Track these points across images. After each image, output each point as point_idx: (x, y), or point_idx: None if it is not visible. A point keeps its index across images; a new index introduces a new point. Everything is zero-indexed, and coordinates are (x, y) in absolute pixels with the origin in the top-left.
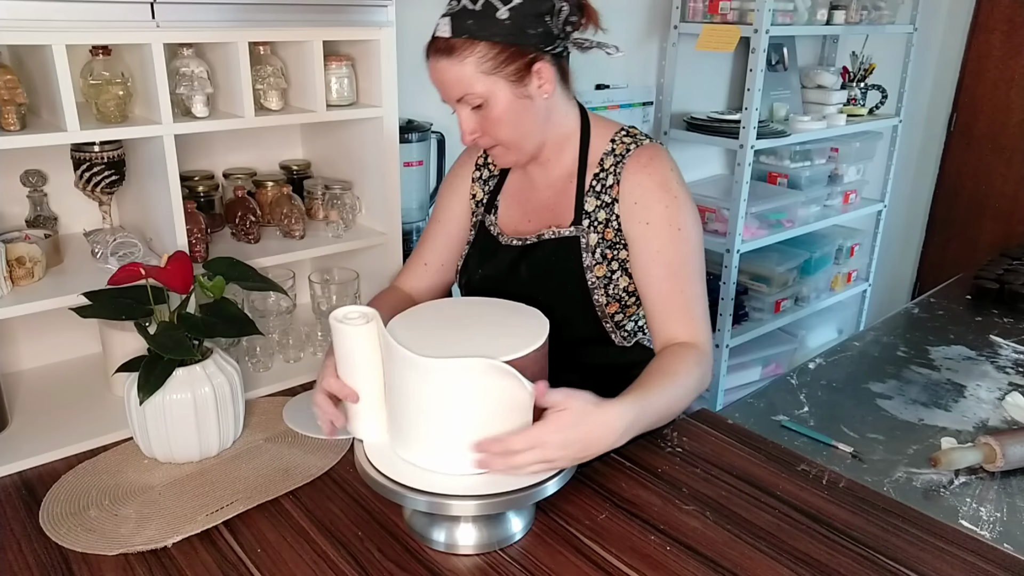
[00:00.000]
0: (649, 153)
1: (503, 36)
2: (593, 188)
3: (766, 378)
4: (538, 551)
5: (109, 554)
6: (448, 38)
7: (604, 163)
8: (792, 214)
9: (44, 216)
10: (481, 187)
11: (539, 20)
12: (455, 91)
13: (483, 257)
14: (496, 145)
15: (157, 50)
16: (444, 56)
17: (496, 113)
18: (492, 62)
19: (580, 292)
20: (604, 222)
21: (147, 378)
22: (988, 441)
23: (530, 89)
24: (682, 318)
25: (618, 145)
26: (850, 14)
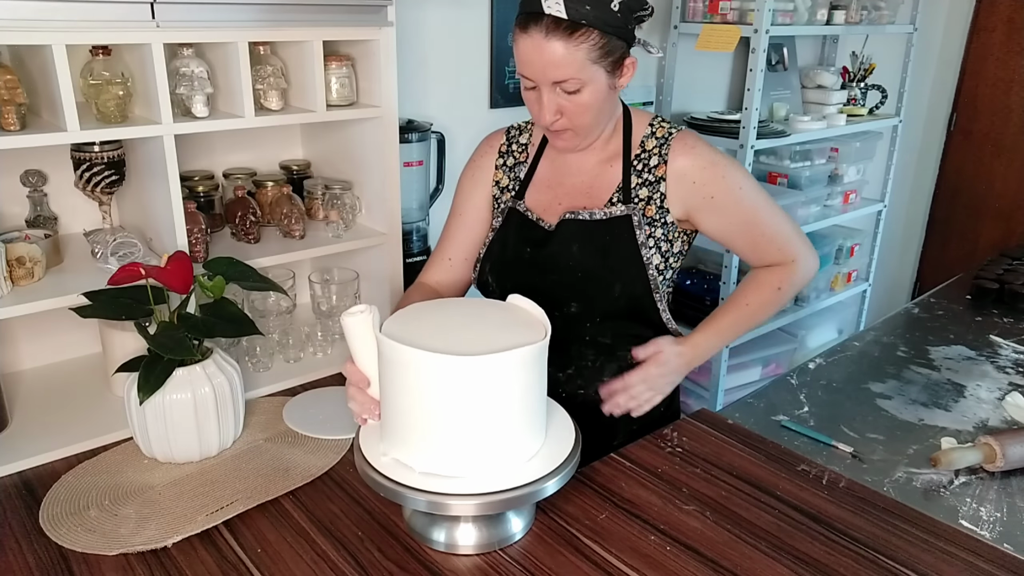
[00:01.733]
0: (692, 137)
1: (613, 27)
2: (635, 167)
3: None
4: (538, 551)
5: (109, 554)
6: (563, 19)
7: (645, 144)
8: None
9: (44, 216)
10: (506, 173)
11: (637, 17)
12: (558, 73)
13: (526, 241)
14: (568, 129)
15: (157, 50)
16: (556, 36)
17: (586, 100)
18: (599, 51)
19: (636, 267)
20: (646, 199)
21: (147, 378)
22: (988, 441)
23: (618, 81)
24: (772, 251)
25: (658, 128)
26: (850, 14)
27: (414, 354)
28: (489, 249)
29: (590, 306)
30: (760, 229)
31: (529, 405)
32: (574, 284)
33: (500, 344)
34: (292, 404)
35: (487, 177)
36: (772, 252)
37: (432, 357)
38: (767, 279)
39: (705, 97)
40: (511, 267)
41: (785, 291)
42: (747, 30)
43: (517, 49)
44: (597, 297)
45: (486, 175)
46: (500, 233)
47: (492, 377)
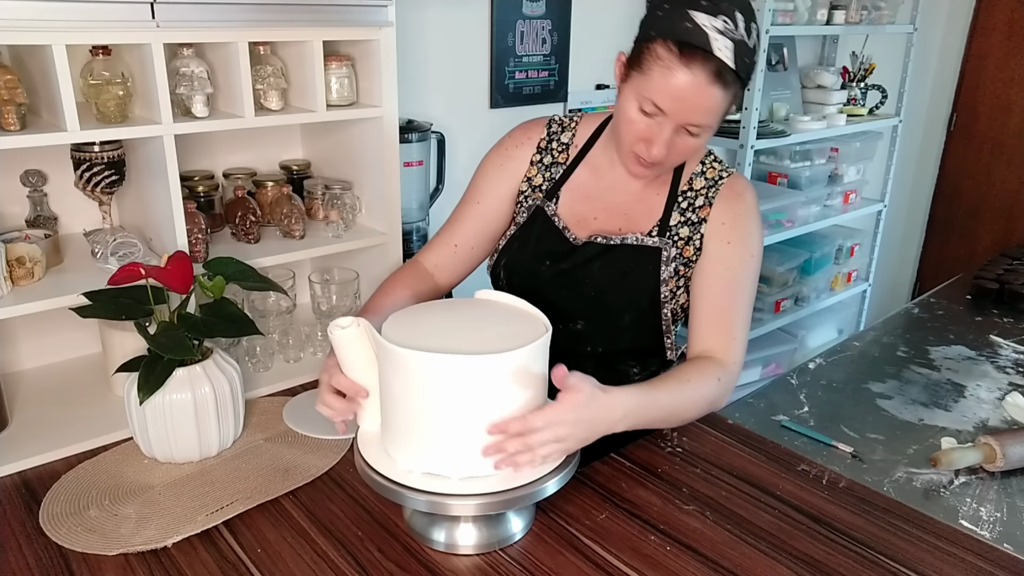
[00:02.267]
0: (742, 184)
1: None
2: (679, 205)
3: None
4: (538, 551)
5: (109, 554)
6: (733, 70)
7: (693, 183)
8: (792, 214)
9: (44, 216)
10: (542, 172)
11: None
12: (700, 118)
13: (546, 249)
14: (660, 163)
15: (157, 50)
16: (720, 85)
17: (699, 143)
18: (732, 103)
19: (651, 302)
20: (686, 239)
21: (147, 378)
22: (988, 441)
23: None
24: (722, 334)
25: (709, 169)
26: (850, 14)
27: (414, 355)
28: (508, 245)
29: (596, 327)
30: (733, 301)
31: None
32: (586, 303)
33: (500, 344)
34: (292, 404)
35: (518, 170)
36: (721, 335)
37: (432, 357)
38: (709, 366)
39: None
40: (525, 272)
41: (721, 385)
42: None
43: (665, 79)
44: (605, 321)
45: (518, 167)
46: (522, 232)
47: (493, 377)
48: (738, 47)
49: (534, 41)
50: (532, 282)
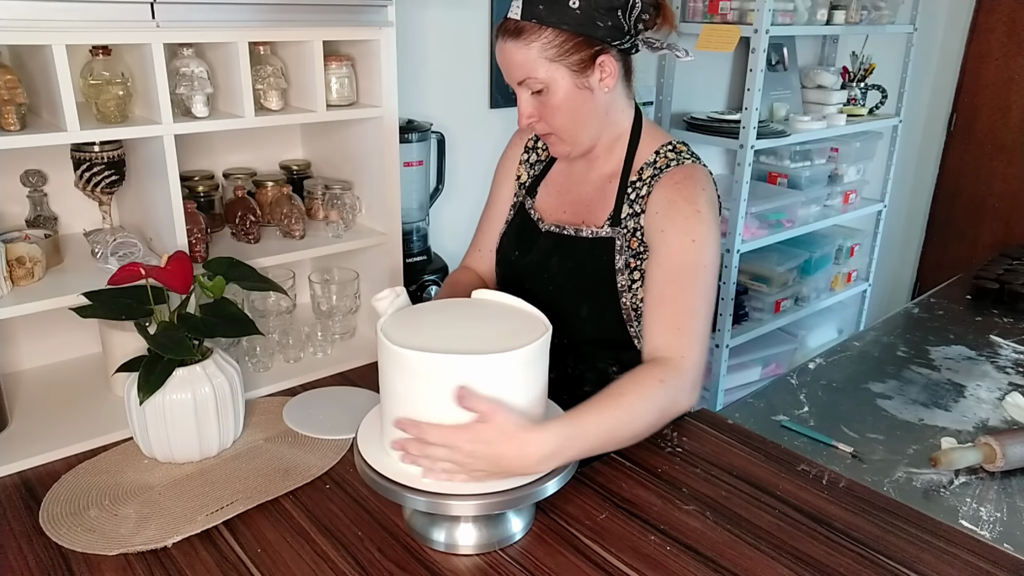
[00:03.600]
0: (685, 172)
1: (571, 25)
2: (628, 196)
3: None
4: (538, 551)
5: (109, 554)
6: (517, 20)
7: (643, 173)
8: (792, 214)
9: (44, 216)
10: (527, 170)
11: (610, 13)
12: (517, 73)
13: (520, 240)
14: (551, 134)
15: (157, 50)
16: (511, 38)
17: (555, 100)
18: (557, 49)
19: (609, 292)
20: (632, 231)
21: (147, 378)
22: (988, 441)
23: (591, 81)
24: (670, 329)
25: (660, 159)
26: (850, 14)
27: (413, 355)
28: (500, 242)
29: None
30: (678, 291)
31: (526, 406)
32: (547, 297)
33: (500, 344)
34: (292, 404)
35: (513, 169)
36: (668, 328)
37: (431, 357)
38: (648, 372)
39: (705, 97)
40: (506, 264)
41: (667, 387)
42: (747, 30)
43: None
44: (565, 315)
45: (512, 167)
46: (509, 227)
47: (492, 377)
48: (527, 1)
49: None
50: (508, 275)
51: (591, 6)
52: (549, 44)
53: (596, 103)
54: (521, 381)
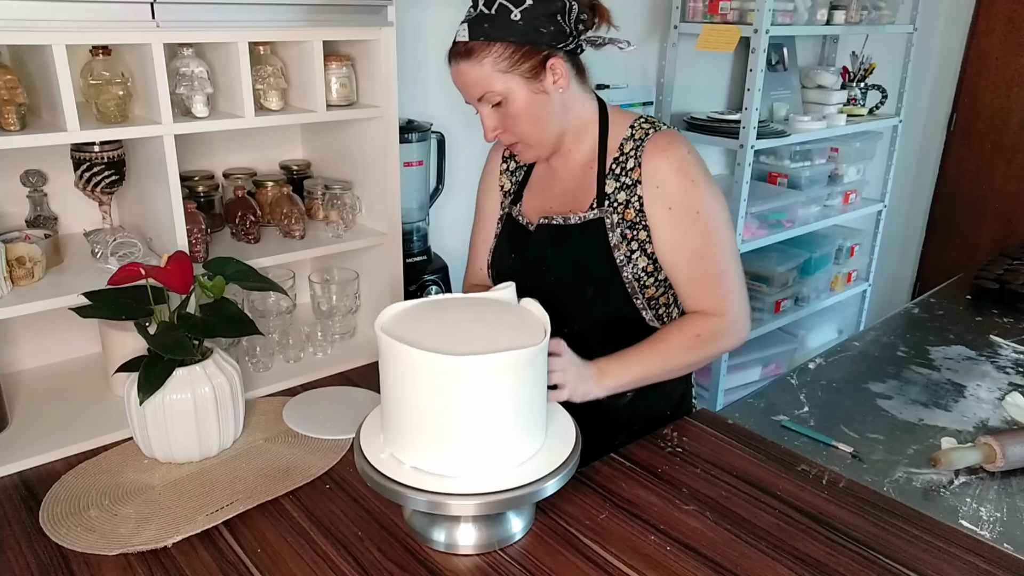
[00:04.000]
0: (668, 138)
1: (517, 36)
2: (613, 171)
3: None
4: (538, 551)
5: (109, 554)
6: (466, 42)
7: (624, 147)
8: (792, 214)
9: (44, 216)
10: (509, 178)
11: (551, 19)
12: (475, 91)
13: (512, 244)
14: (517, 142)
15: (157, 50)
16: (463, 59)
17: (515, 109)
18: (507, 61)
19: (609, 271)
20: (624, 203)
21: (147, 378)
22: (988, 441)
23: (546, 84)
24: (709, 295)
25: (637, 131)
26: (850, 14)
27: (412, 353)
28: (492, 255)
29: (566, 310)
30: (704, 265)
31: (528, 405)
32: (550, 289)
33: (499, 344)
34: (292, 404)
35: (495, 183)
36: (703, 295)
37: (429, 356)
38: (688, 323)
39: (705, 97)
40: (504, 273)
41: (704, 340)
42: (747, 30)
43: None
44: (571, 302)
45: (495, 180)
46: (499, 239)
47: (489, 377)
48: (472, 23)
49: None
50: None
51: (532, 16)
52: (500, 57)
53: (554, 104)
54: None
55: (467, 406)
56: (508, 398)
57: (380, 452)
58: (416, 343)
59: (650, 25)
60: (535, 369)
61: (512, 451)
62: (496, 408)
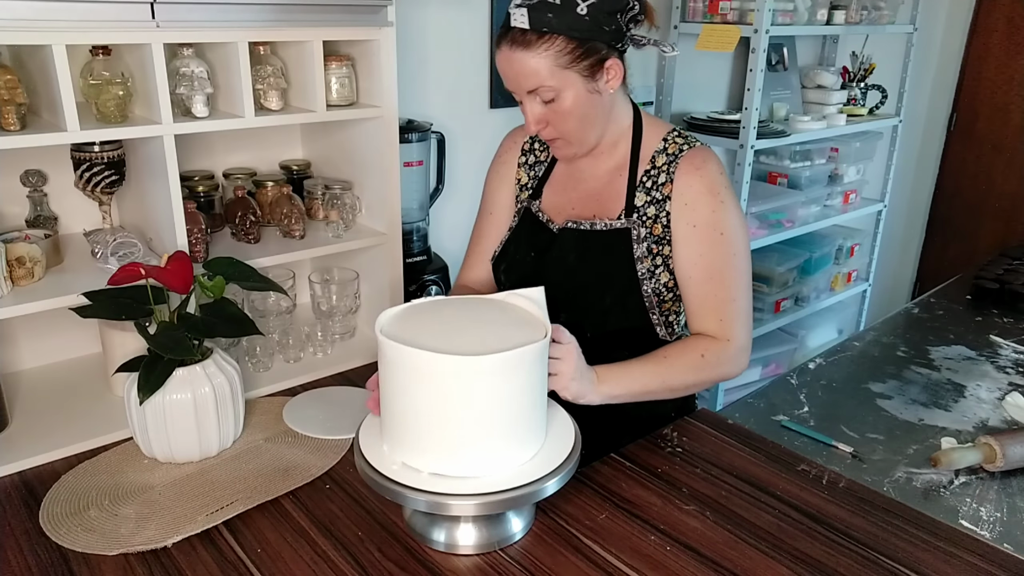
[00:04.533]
0: (702, 156)
1: (581, 31)
2: (643, 184)
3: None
4: (538, 551)
5: (109, 554)
6: (526, 28)
7: (656, 161)
8: (792, 214)
9: (44, 216)
10: (527, 172)
11: (612, 17)
12: (528, 83)
13: (533, 242)
14: (558, 138)
15: (157, 50)
16: (521, 47)
17: (566, 106)
18: (569, 56)
19: (629, 282)
20: (653, 218)
21: (147, 378)
22: (988, 441)
23: (599, 84)
24: (713, 320)
25: (670, 144)
26: (850, 14)
27: (411, 353)
28: (504, 248)
29: (581, 316)
30: (716, 286)
31: (528, 406)
32: (568, 293)
33: (498, 345)
34: (292, 404)
35: (511, 174)
36: (711, 318)
37: (428, 356)
38: (694, 343)
39: (705, 97)
40: (518, 268)
41: (708, 362)
42: (747, 30)
43: (498, 67)
44: (588, 308)
45: (510, 172)
46: (514, 233)
47: (489, 377)
48: (534, 9)
49: None
50: (522, 278)
51: (597, 11)
52: (562, 52)
53: (603, 105)
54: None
55: (467, 406)
56: (508, 398)
57: (380, 452)
58: (415, 343)
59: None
60: (535, 369)
61: (512, 451)
62: (496, 408)
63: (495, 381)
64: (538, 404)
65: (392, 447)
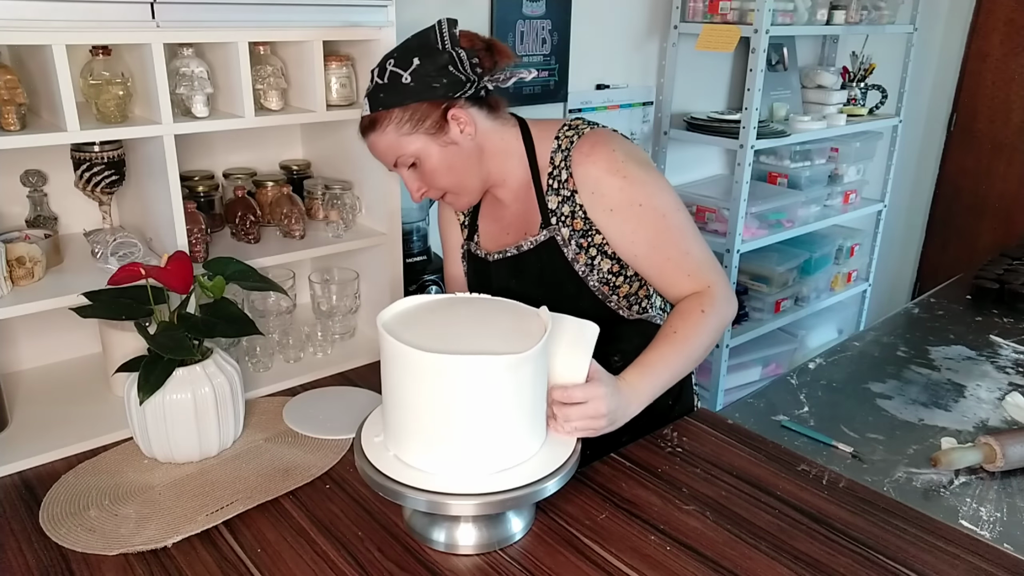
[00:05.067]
0: (590, 141)
1: (411, 97)
2: (551, 187)
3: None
4: (538, 551)
5: (109, 554)
6: (369, 114)
7: (554, 160)
8: (792, 214)
9: (44, 216)
10: (463, 214)
11: (442, 72)
12: (388, 158)
13: (480, 279)
14: (445, 193)
15: (157, 50)
16: (370, 131)
17: (430, 166)
18: (409, 123)
19: (575, 285)
20: (570, 214)
21: (147, 378)
22: (988, 441)
23: (452, 135)
24: (681, 278)
25: (563, 140)
26: (850, 14)
27: (412, 353)
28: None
29: None
30: (665, 253)
31: (528, 406)
32: None
33: (500, 345)
34: (292, 404)
35: (452, 216)
36: (681, 279)
37: (429, 356)
38: (688, 305)
39: (705, 97)
40: None
41: (709, 314)
42: (747, 30)
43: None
44: None
45: (451, 214)
46: (467, 275)
47: (490, 377)
48: (371, 96)
49: (534, 41)
50: None
51: (421, 75)
52: (400, 122)
53: (467, 151)
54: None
55: (467, 406)
56: (508, 398)
57: (380, 452)
58: (417, 343)
59: (650, 25)
60: (535, 369)
61: (512, 451)
62: (496, 408)
63: (495, 381)
64: (537, 404)
65: (393, 446)
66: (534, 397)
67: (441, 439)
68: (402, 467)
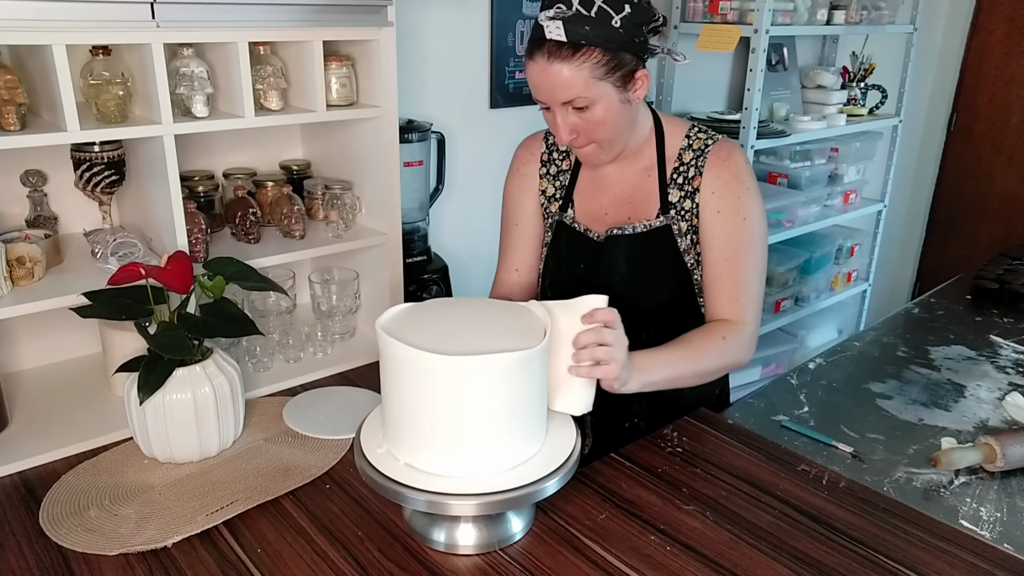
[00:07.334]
0: (727, 148)
1: (616, 44)
2: (675, 180)
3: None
4: (538, 551)
5: (109, 554)
6: (562, 41)
7: (683, 157)
8: (792, 214)
9: (44, 216)
10: (551, 182)
11: (640, 29)
12: (564, 94)
13: (578, 253)
14: (590, 144)
15: (157, 50)
16: (557, 60)
17: (599, 116)
18: (604, 68)
19: (681, 275)
20: (690, 210)
21: (147, 378)
22: (988, 441)
23: (630, 94)
24: (728, 300)
25: (695, 141)
26: (850, 14)
27: (412, 353)
28: (546, 265)
29: (638, 318)
30: (729, 269)
31: (528, 406)
32: (624, 297)
33: (499, 345)
34: (292, 404)
35: (533, 185)
36: (725, 300)
37: (429, 356)
38: (715, 327)
39: (705, 97)
40: (565, 282)
41: (728, 345)
42: (747, 30)
43: (527, 75)
44: (645, 308)
45: (532, 183)
46: (553, 247)
47: (489, 377)
48: (569, 22)
49: None
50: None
51: (630, 24)
52: (598, 64)
53: (632, 113)
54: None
55: (467, 406)
56: (508, 399)
57: (380, 452)
58: (416, 343)
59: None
60: (536, 370)
61: (512, 451)
62: (496, 408)
63: (495, 381)
64: (538, 404)
65: (392, 447)
66: (534, 396)
67: (440, 439)
68: (402, 467)
